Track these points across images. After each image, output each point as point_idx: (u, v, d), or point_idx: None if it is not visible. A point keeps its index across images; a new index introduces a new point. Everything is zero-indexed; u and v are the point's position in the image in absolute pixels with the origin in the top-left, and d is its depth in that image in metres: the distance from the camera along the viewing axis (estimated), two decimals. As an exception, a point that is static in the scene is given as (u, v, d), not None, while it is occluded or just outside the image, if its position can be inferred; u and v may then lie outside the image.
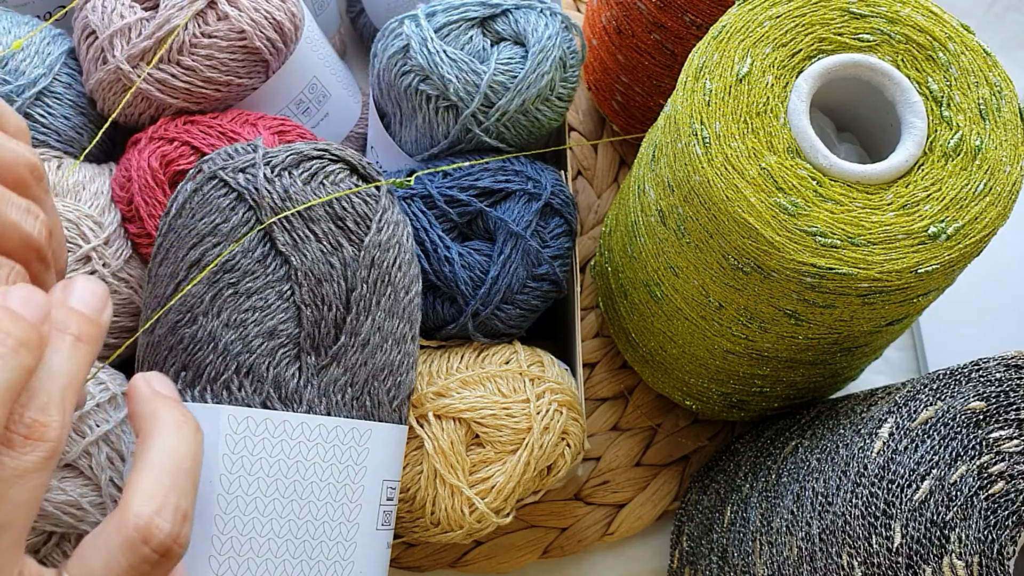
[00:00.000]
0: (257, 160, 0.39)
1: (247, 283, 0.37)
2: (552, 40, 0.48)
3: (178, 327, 0.38)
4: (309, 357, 0.37)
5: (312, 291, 0.38)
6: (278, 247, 0.38)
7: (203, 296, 0.38)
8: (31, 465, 0.27)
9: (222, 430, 0.36)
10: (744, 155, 0.38)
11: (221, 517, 0.36)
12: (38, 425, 0.27)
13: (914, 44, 0.40)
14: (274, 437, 0.37)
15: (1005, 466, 0.34)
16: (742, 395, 0.50)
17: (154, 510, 0.28)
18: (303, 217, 0.38)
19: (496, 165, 0.49)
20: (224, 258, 0.37)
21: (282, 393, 0.37)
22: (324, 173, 0.39)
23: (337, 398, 0.38)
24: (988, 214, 0.37)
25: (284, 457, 0.37)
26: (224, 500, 0.36)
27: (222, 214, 0.38)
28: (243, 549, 0.36)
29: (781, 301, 0.39)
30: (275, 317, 0.37)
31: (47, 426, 0.27)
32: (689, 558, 0.51)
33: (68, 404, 0.28)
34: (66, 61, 0.50)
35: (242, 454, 0.36)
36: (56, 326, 0.29)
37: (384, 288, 0.39)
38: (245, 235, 0.38)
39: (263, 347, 0.37)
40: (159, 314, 0.38)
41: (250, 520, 0.36)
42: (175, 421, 0.31)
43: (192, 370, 0.37)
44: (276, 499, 0.36)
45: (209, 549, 0.35)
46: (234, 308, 0.37)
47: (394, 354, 0.40)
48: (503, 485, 0.44)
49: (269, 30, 0.48)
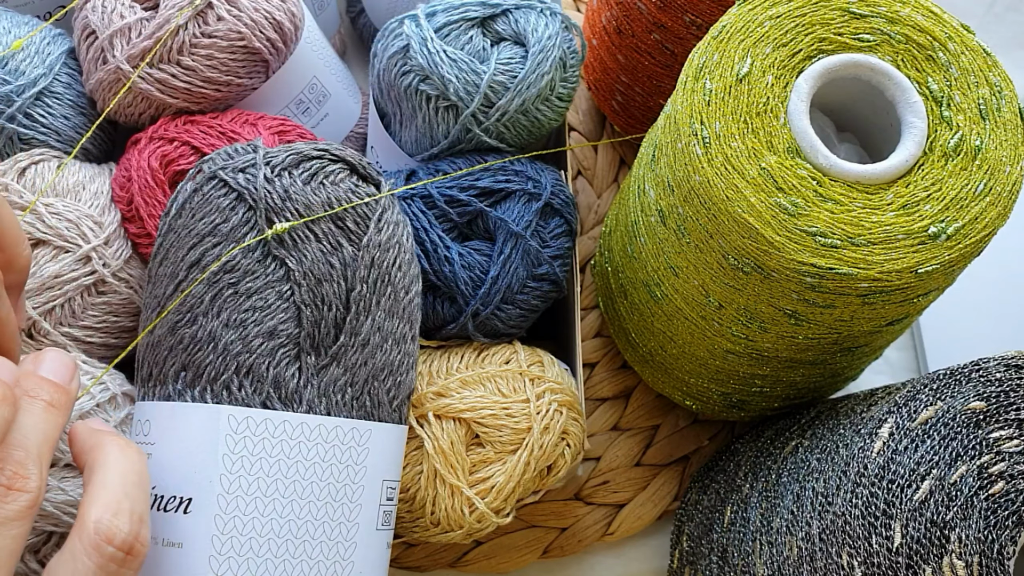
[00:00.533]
0: (257, 160, 0.39)
1: (247, 283, 0.37)
2: (552, 40, 0.48)
3: (178, 327, 0.38)
4: (309, 357, 0.37)
5: (312, 291, 0.38)
6: (276, 248, 0.38)
7: (203, 296, 0.37)
8: (13, 514, 0.28)
9: (222, 430, 0.36)
10: (744, 155, 0.38)
11: (221, 517, 0.36)
12: (19, 477, 0.29)
13: (914, 44, 0.40)
14: (274, 437, 0.37)
15: (1005, 466, 0.34)
16: (742, 395, 0.50)
17: (112, 514, 0.30)
18: (302, 216, 0.38)
19: (496, 165, 0.49)
20: (225, 259, 0.37)
21: (282, 393, 0.37)
22: (324, 173, 0.39)
23: (337, 398, 0.38)
24: (988, 214, 0.37)
25: (284, 457, 0.37)
26: (224, 500, 0.36)
27: (222, 214, 0.38)
28: (243, 549, 0.36)
29: (781, 301, 0.39)
30: (275, 317, 0.37)
31: (27, 478, 0.29)
32: (689, 558, 0.51)
33: (44, 461, 0.30)
34: (66, 61, 0.50)
35: (242, 454, 0.36)
36: (29, 392, 0.31)
37: (384, 288, 0.39)
38: (246, 236, 0.38)
39: (263, 347, 0.37)
40: (156, 321, 0.38)
41: (250, 520, 0.36)
42: (118, 445, 0.33)
43: (192, 370, 0.37)
44: (276, 499, 0.36)
45: (209, 549, 0.35)
46: (234, 308, 0.37)
47: (394, 354, 0.40)
48: (503, 485, 0.44)
49: (269, 30, 0.48)
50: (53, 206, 0.46)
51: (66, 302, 0.45)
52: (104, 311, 0.46)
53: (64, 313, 0.45)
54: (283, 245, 0.38)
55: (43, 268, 0.45)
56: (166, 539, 0.36)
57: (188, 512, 0.36)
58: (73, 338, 0.46)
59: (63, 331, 0.45)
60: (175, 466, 0.37)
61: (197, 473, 0.36)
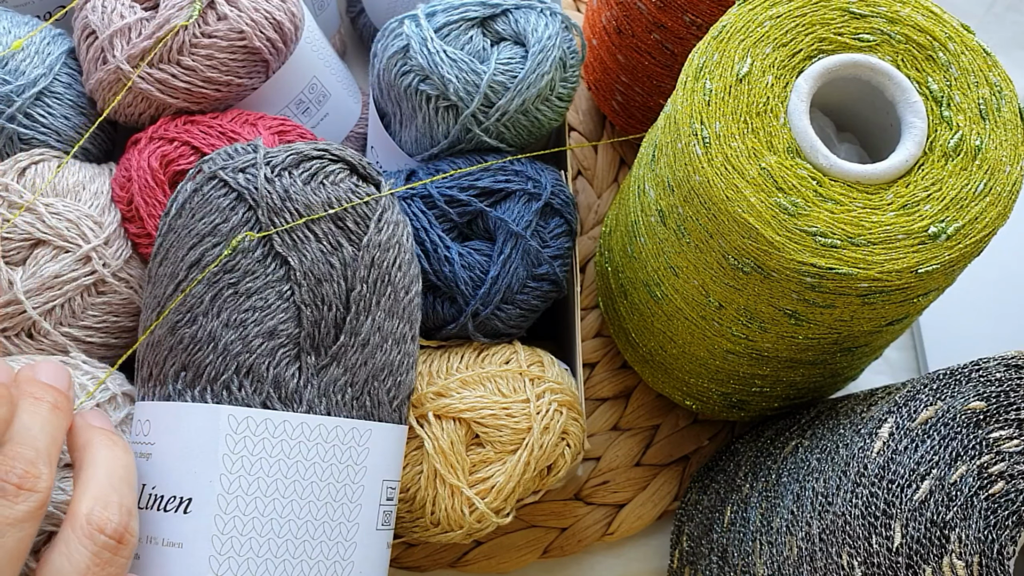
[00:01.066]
0: (257, 160, 0.39)
1: (247, 283, 0.37)
2: (552, 40, 0.48)
3: (178, 327, 0.38)
4: (309, 357, 0.37)
5: (312, 291, 0.38)
6: (276, 248, 0.38)
7: (203, 296, 0.37)
8: (22, 514, 0.29)
9: (222, 430, 0.36)
10: (744, 155, 0.38)
11: (221, 517, 0.36)
12: (29, 476, 0.30)
13: (914, 44, 0.40)
14: (274, 437, 0.37)
15: (1005, 466, 0.34)
16: (742, 395, 0.50)
17: (101, 506, 0.31)
18: (302, 216, 0.38)
19: (496, 165, 0.49)
20: (224, 259, 0.37)
21: (282, 393, 0.37)
22: (324, 173, 0.39)
23: (337, 398, 0.38)
24: (988, 214, 0.37)
25: (284, 457, 0.37)
26: (224, 500, 0.36)
27: (222, 214, 0.38)
28: (243, 549, 0.36)
29: (781, 301, 0.39)
30: (275, 317, 0.37)
31: (38, 478, 0.30)
32: (689, 558, 0.51)
33: (53, 461, 0.31)
34: (66, 61, 0.50)
35: (242, 454, 0.36)
36: (34, 395, 0.32)
37: (384, 288, 0.39)
38: (244, 237, 0.38)
39: (263, 347, 0.37)
40: (157, 322, 0.38)
41: (250, 520, 0.36)
42: (106, 442, 0.34)
43: (192, 370, 0.37)
44: (276, 499, 0.36)
45: (209, 549, 0.35)
46: (234, 308, 0.37)
47: (394, 354, 0.40)
48: (503, 485, 0.44)
49: (269, 30, 0.48)
50: (53, 206, 0.46)
51: (66, 302, 0.45)
52: (104, 311, 0.46)
53: (64, 313, 0.45)
54: (284, 245, 0.38)
55: (43, 268, 0.45)
56: (166, 539, 0.36)
57: (188, 512, 0.36)
58: (73, 338, 0.46)
59: (63, 331, 0.45)
60: (175, 466, 0.36)
61: (197, 473, 0.36)
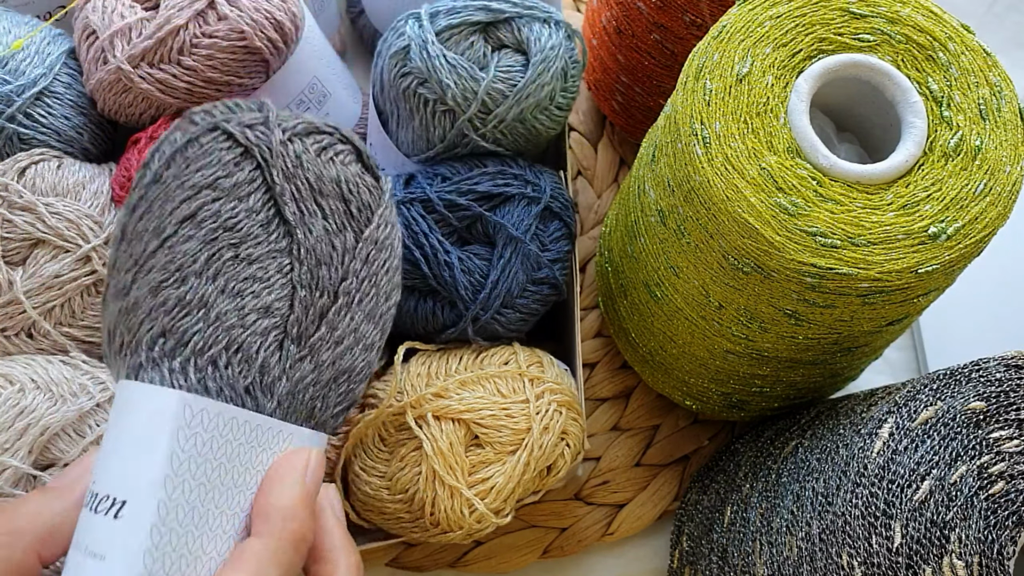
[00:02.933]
0: (270, 120, 0.36)
1: (248, 248, 0.34)
2: (555, 51, 0.48)
3: (162, 287, 0.33)
4: (292, 345, 0.35)
5: (310, 272, 0.36)
6: (286, 215, 0.35)
7: (198, 255, 0.33)
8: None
9: (175, 422, 0.31)
10: (744, 155, 0.38)
11: (158, 529, 0.30)
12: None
13: (914, 44, 0.40)
14: (222, 437, 0.32)
15: (1005, 466, 0.34)
16: (742, 395, 0.50)
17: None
18: (312, 188, 0.36)
19: (495, 169, 0.49)
20: (225, 215, 0.34)
21: (264, 380, 0.34)
22: (335, 150, 0.37)
23: (299, 399, 0.36)
24: (988, 214, 0.37)
25: (225, 461, 0.32)
26: (165, 508, 0.30)
27: (224, 167, 0.35)
28: (171, 570, 0.30)
29: (781, 301, 0.39)
30: (272, 292, 0.35)
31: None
32: (689, 558, 0.51)
33: None
34: (66, 61, 0.50)
35: (191, 454, 0.31)
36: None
37: (369, 288, 0.39)
38: (251, 195, 0.34)
39: (257, 324, 0.34)
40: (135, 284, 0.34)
41: (185, 535, 0.31)
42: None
43: (174, 337, 0.32)
44: (209, 509, 0.31)
45: (137, 568, 0.29)
46: (233, 274, 0.34)
47: (359, 360, 0.38)
48: (503, 486, 0.44)
49: (269, 30, 0.48)
50: (53, 206, 0.46)
51: (66, 302, 0.45)
52: (104, 311, 0.46)
53: (64, 313, 0.45)
54: (294, 214, 0.35)
55: (43, 268, 0.45)
56: (89, 547, 0.29)
57: (119, 517, 0.29)
58: (73, 338, 0.46)
59: (63, 331, 0.45)
60: (113, 458, 0.30)
61: (138, 471, 0.30)
